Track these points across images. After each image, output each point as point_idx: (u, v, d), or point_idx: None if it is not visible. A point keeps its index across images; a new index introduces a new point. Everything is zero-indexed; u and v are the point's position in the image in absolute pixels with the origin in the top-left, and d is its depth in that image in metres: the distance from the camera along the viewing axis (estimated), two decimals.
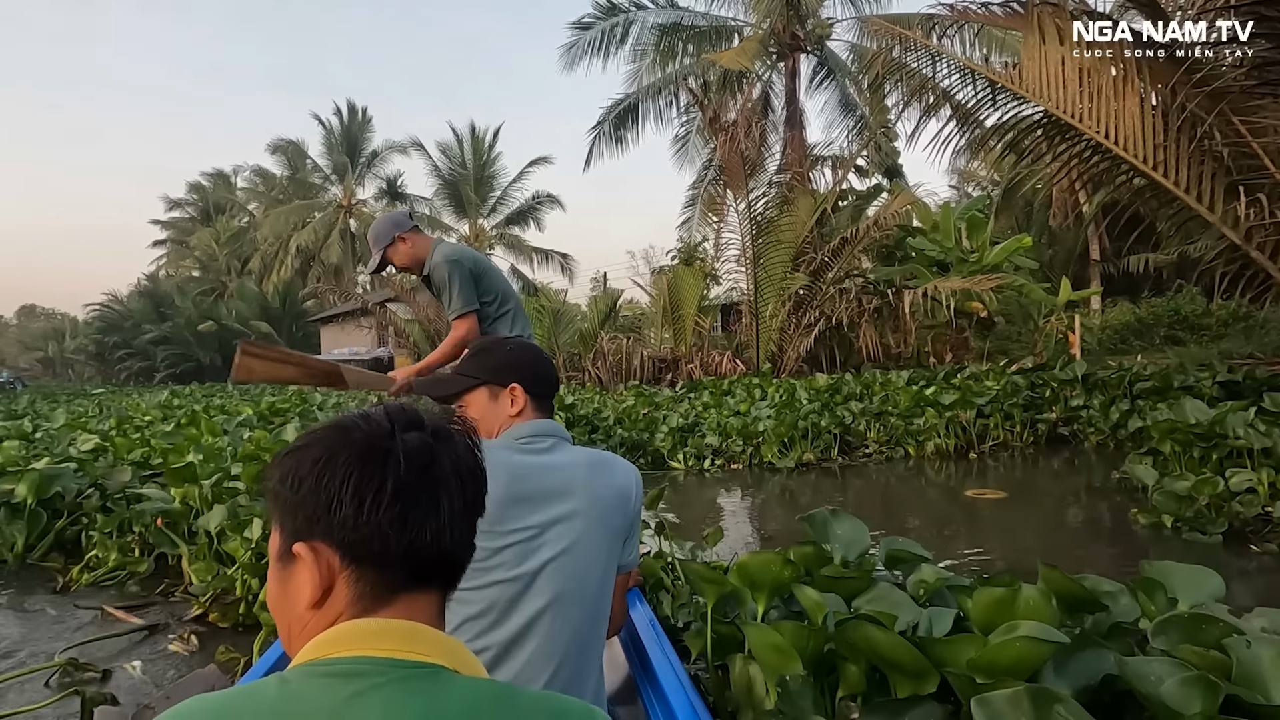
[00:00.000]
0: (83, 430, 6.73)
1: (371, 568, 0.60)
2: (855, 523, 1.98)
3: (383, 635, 0.57)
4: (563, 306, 16.53)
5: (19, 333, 79.00)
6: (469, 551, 0.64)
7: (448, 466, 0.62)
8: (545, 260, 30.19)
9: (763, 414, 6.35)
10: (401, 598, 0.61)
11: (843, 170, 14.22)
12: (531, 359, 1.42)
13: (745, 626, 1.51)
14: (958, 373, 8.38)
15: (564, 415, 6.61)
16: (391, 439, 0.61)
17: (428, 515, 0.60)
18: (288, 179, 36.24)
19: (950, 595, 1.70)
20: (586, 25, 15.23)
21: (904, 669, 1.31)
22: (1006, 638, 1.21)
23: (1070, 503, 4.84)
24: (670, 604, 2.14)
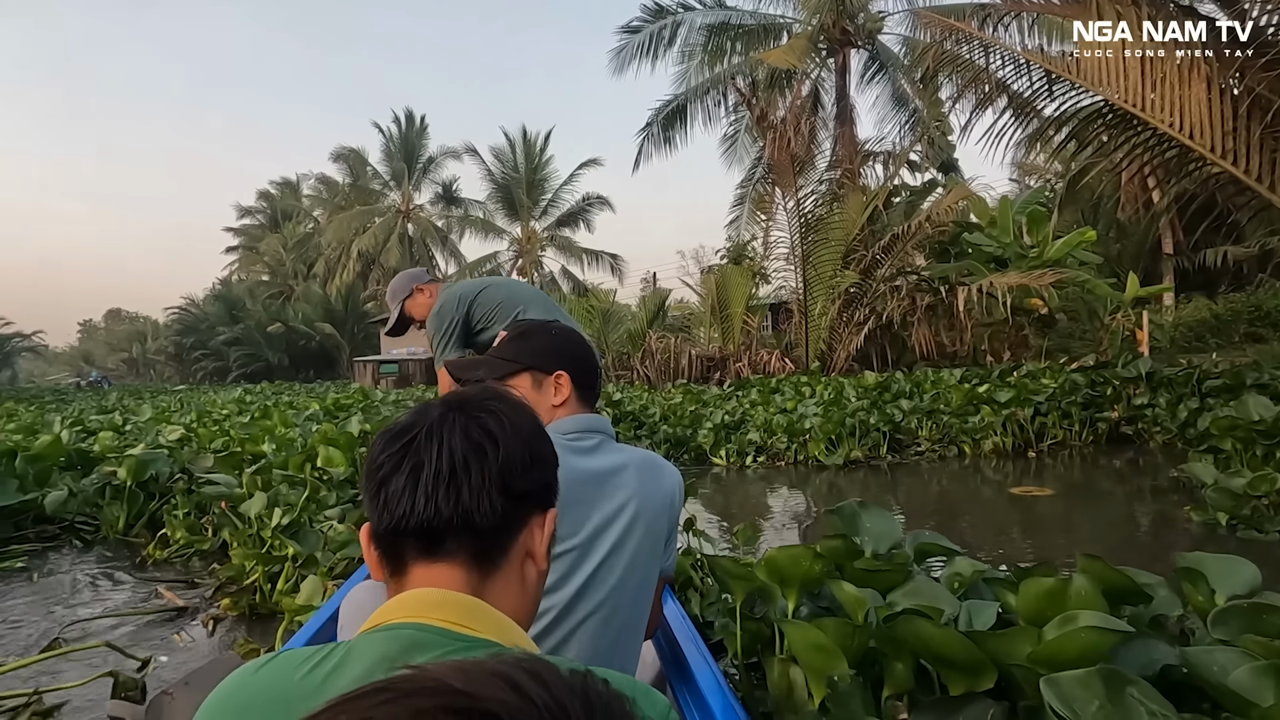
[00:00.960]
0: (167, 423, 7.25)
1: (382, 543, 0.64)
2: (885, 515, 1.92)
3: (445, 606, 0.59)
4: (612, 306, 16.75)
5: (106, 335, 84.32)
6: (484, 519, 0.62)
7: (432, 437, 0.63)
8: (595, 261, 30.53)
9: (809, 411, 6.35)
10: (415, 570, 0.63)
11: (894, 166, 13.97)
12: (578, 346, 1.35)
13: (784, 625, 1.45)
14: (1014, 371, 8.17)
15: (611, 411, 6.76)
16: (393, 423, 0.66)
17: (404, 488, 0.61)
18: (349, 186, 37.67)
19: (987, 589, 1.66)
20: (635, 29, 15.39)
21: (959, 665, 1.26)
22: (1070, 628, 1.18)
23: (1121, 501, 4.71)
24: (699, 602, 2.12)
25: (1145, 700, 1.02)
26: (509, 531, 0.65)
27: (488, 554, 0.63)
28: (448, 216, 34.64)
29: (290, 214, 44.45)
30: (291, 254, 41.15)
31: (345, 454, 3.86)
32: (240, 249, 49.33)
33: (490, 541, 0.64)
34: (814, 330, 11.83)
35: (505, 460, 0.64)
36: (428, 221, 34.59)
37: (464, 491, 0.61)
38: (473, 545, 0.63)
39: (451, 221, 34.29)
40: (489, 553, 0.63)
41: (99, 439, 5.47)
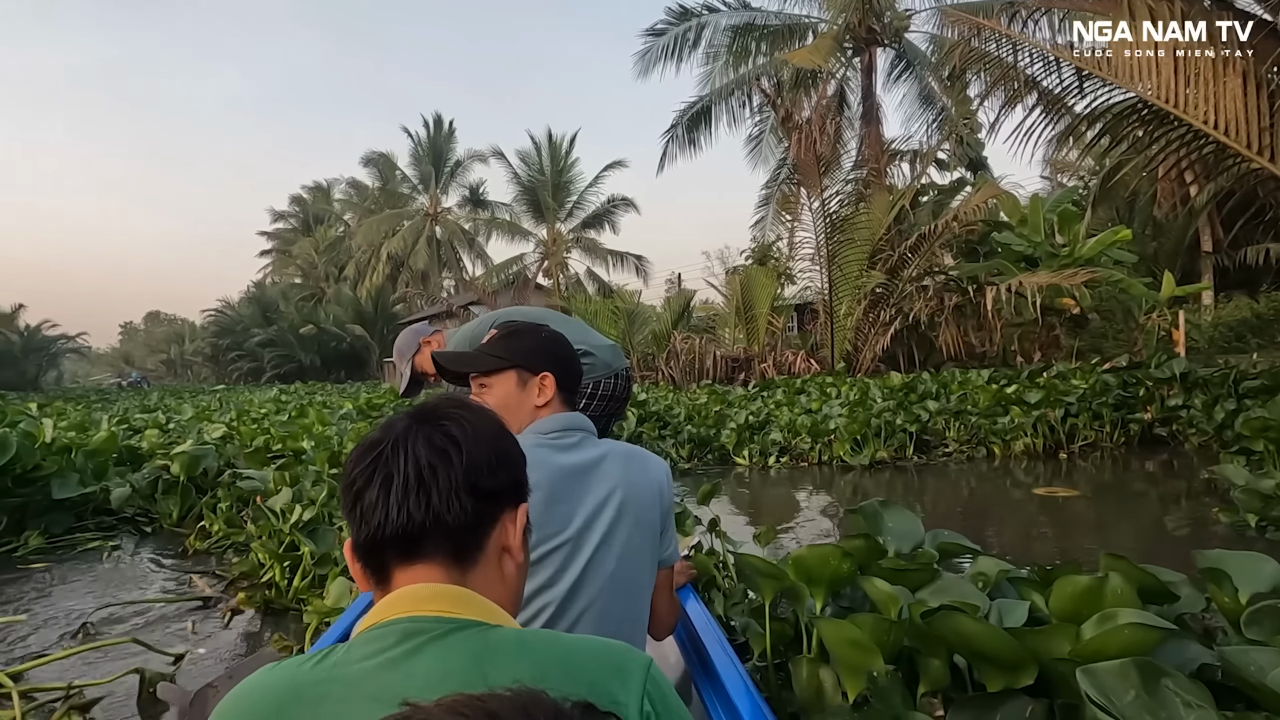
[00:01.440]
0: (209, 421, 7.52)
1: (363, 553, 0.66)
2: (907, 514, 1.91)
3: (436, 598, 0.62)
4: (636, 307, 16.83)
5: (146, 336, 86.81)
6: (454, 519, 0.65)
7: (399, 448, 0.65)
8: (620, 262, 30.65)
9: (834, 412, 6.36)
10: (396, 574, 0.65)
11: (922, 165, 13.85)
12: (566, 351, 1.36)
13: (818, 622, 1.43)
14: (1043, 371, 8.07)
15: (636, 411, 6.83)
16: (365, 438, 0.69)
17: (377, 499, 0.64)
18: (379, 190, 38.35)
19: (1011, 588, 1.64)
20: (659, 31, 15.44)
21: (999, 661, 1.25)
22: (1111, 626, 1.17)
23: (1148, 502, 4.66)
24: (723, 603, 2.13)
25: (1181, 692, 1.02)
26: (482, 529, 0.68)
27: (464, 552, 0.66)
28: (475, 219, 35.07)
29: (322, 218, 45.37)
30: (323, 257, 42.01)
31: None
32: (274, 252, 50.50)
33: (464, 540, 0.66)
34: (839, 331, 11.79)
35: (470, 463, 0.66)
36: (455, 224, 35.06)
37: (433, 496, 0.64)
38: (448, 546, 0.65)
39: (478, 224, 34.70)
40: (465, 551, 0.66)
41: (145, 436, 5.73)
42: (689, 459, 6.41)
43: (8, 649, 2.51)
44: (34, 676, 2.18)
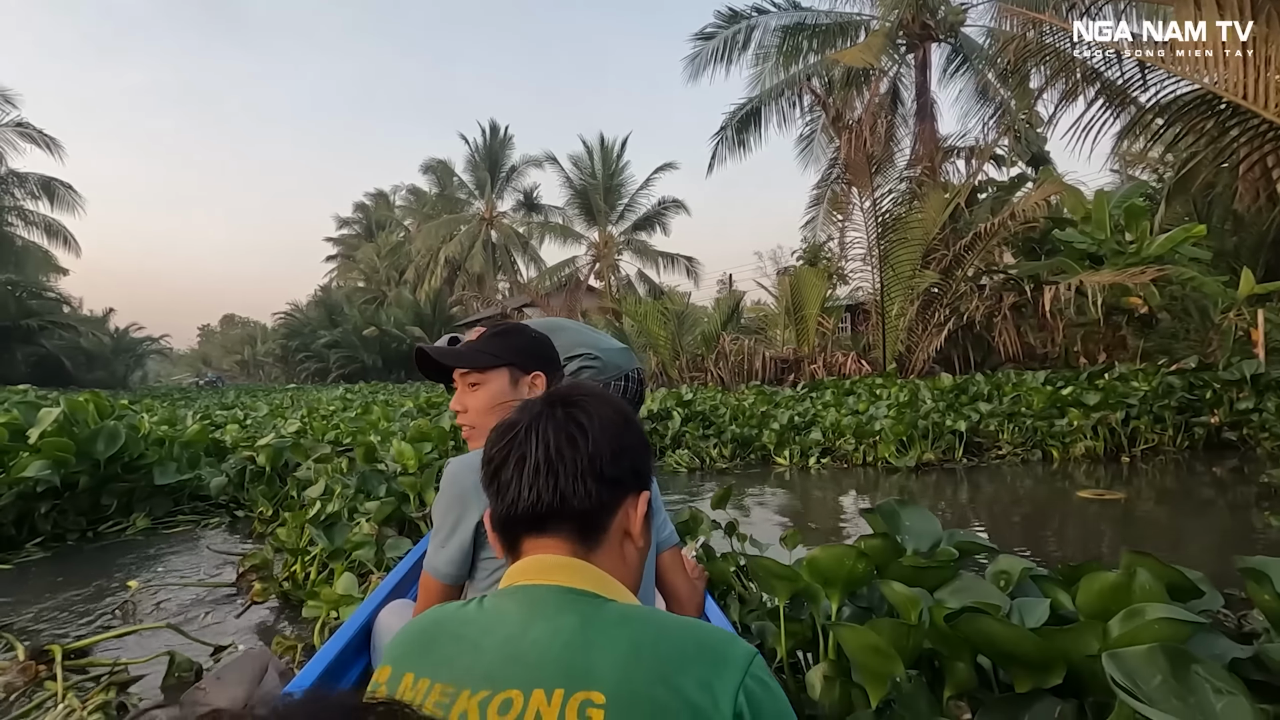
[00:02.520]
0: (282, 418, 8.04)
1: (498, 526, 0.74)
2: (924, 513, 1.90)
3: (557, 569, 0.69)
4: (686, 308, 16.94)
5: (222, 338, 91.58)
6: (580, 502, 0.70)
7: (531, 432, 0.72)
8: (671, 264, 30.84)
9: (880, 413, 6.35)
10: (526, 544, 0.72)
11: (978, 161, 13.52)
12: (552, 349, 1.38)
13: (836, 628, 1.40)
14: (1104, 373, 7.85)
15: (681, 411, 6.97)
16: (504, 420, 0.76)
17: (512, 478, 0.71)
18: (437, 196, 39.56)
19: (1034, 586, 1.63)
20: (709, 35, 15.52)
21: (1027, 661, 1.24)
22: (1141, 621, 1.16)
23: (1198, 506, 4.55)
24: (740, 610, 2.11)
25: (1211, 679, 1.01)
26: (605, 513, 0.72)
27: (588, 533, 0.71)
28: (528, 223, 35.80)
29: (383, 224, 47.08)
30: (384, 261, 43.58)
31: (418, 450, 3.90)
32: (339, 257, 52.66)
33: (588, 522, 0.71)
34: (891, 332, 11.65)
35: (594, 450, 0.71)
36: (509, 228, 35.87)
37: (560, 479, 0.69)
38: (573, 525, 0.71)
39: (532, 228, 35.42)
40: (589, 532, 0.71)
41: (227, 431, 6.21)
42: (731, 458, 6.49)
43: (72, 618, 2.71)
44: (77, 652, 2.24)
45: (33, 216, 27.04)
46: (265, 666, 1.76)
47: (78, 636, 2.43)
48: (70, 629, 2.59)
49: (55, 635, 2.51)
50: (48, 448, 3.74)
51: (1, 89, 24.56)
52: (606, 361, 2.39)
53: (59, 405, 4.04)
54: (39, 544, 3.76)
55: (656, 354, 14.17)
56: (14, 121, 25.19)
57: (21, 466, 3.62)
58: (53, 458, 3.71)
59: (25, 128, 25.36)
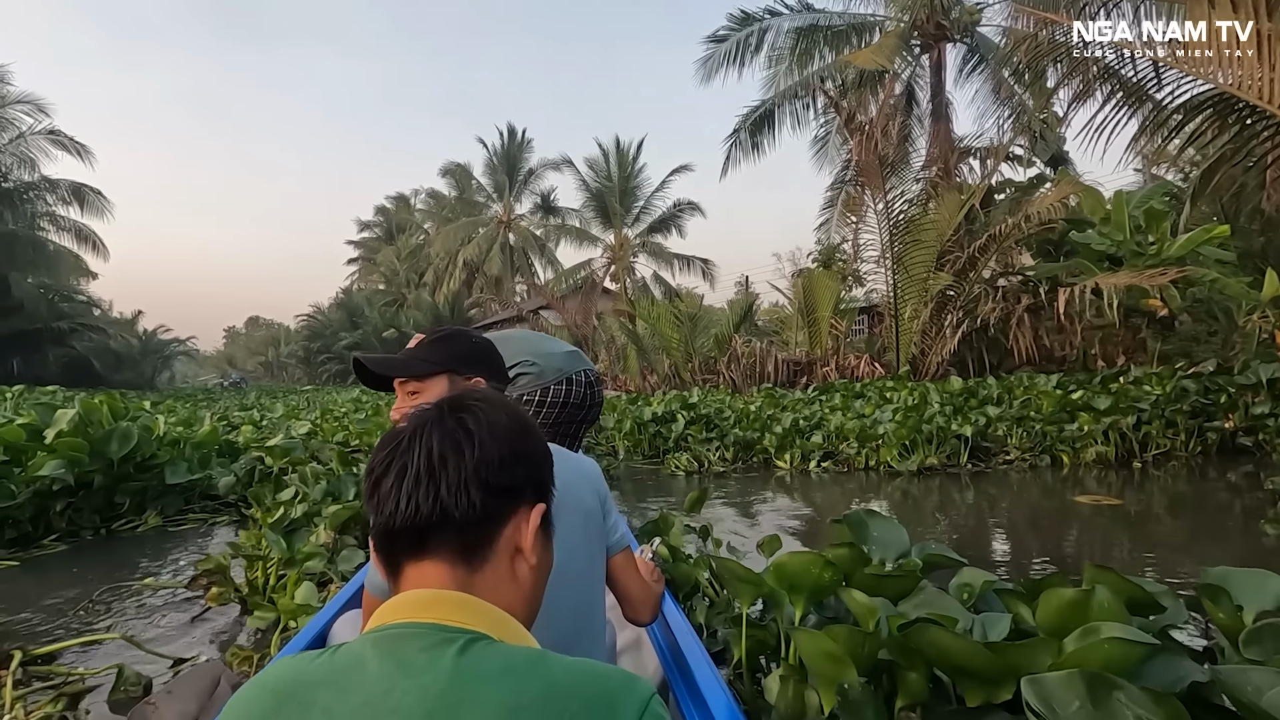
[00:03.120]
0: (295, 419, 8.20)
1: (377, 543, 0.67)
2: (893, 524, 1.89)
3: (436, 605, 0.62)
4: (699, 310, 16.94)
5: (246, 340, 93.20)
6: (462, 513, 0.64)
7: (416, 438, 0.66)
8: (687, 266, 30.84)
9: (885, 417, 6.32)
10: (407, 569, 0.65)
11: (994, 162, 13.37)
12: (494, 353, 1.35)
13: (793, 632, 1.41)
14: (1118, 376, 7.73)
15: (686, 414, 6.99)
16: (391, 429, 0.71)
17: (391, 489, 0.64)
18: (456, 199, 39.96)
19: (997, 600, 1.63)
20: (721, 38, 15.51)
21: (978, 676, 1.23)
22: (1092, 640, 1.14)
23: (1196, 512, 4.48)
24: (706, 611, 2.13)
25: (1133, 705, 0.98)
26: (491, 525, 0.66)
27: (472, 549, 0.65)
28: (545, 225, 36.02)
29: (403, 227, 47.64)
30: (404, 264, 44.09)
31: None
32: (360, 260, 53.38)
33: (472, 536, 0.65)
34: (904, 334, 11.57)
35: (481, 456, 0.66)
36: (527, 231, 36.11)
37: (441, 488, 0.64)
38: (456, 541, 0.65)
39: (549, 230, 35.63)
40: (473, 547, 0.65)
41: (241, 431, 6.35)
42: (733, 461, 6.48)
43: (66, 618, 2.73)
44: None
45: (64, 221, 27.76)
46: (218, 679, 1.72)
47: (50, 640, 2.42)
48: (62, 629, 2.60)
49: (41, 635, 2.53)
50: (63, 447, 3.87)
51: (35, 98, 25.30)
52: (545, 365, 2.35)
53: (74, 406, 4.18)
54: (55, 539, 3.90)
55: (669, 356, 14.20)
56: (46, 129, 25.90)
57: (38, 465, 3.76)
58: (67, 457, 3.85)
59: (57, 135, 26.07)
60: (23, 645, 2.27)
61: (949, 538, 3.80)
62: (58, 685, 2.03)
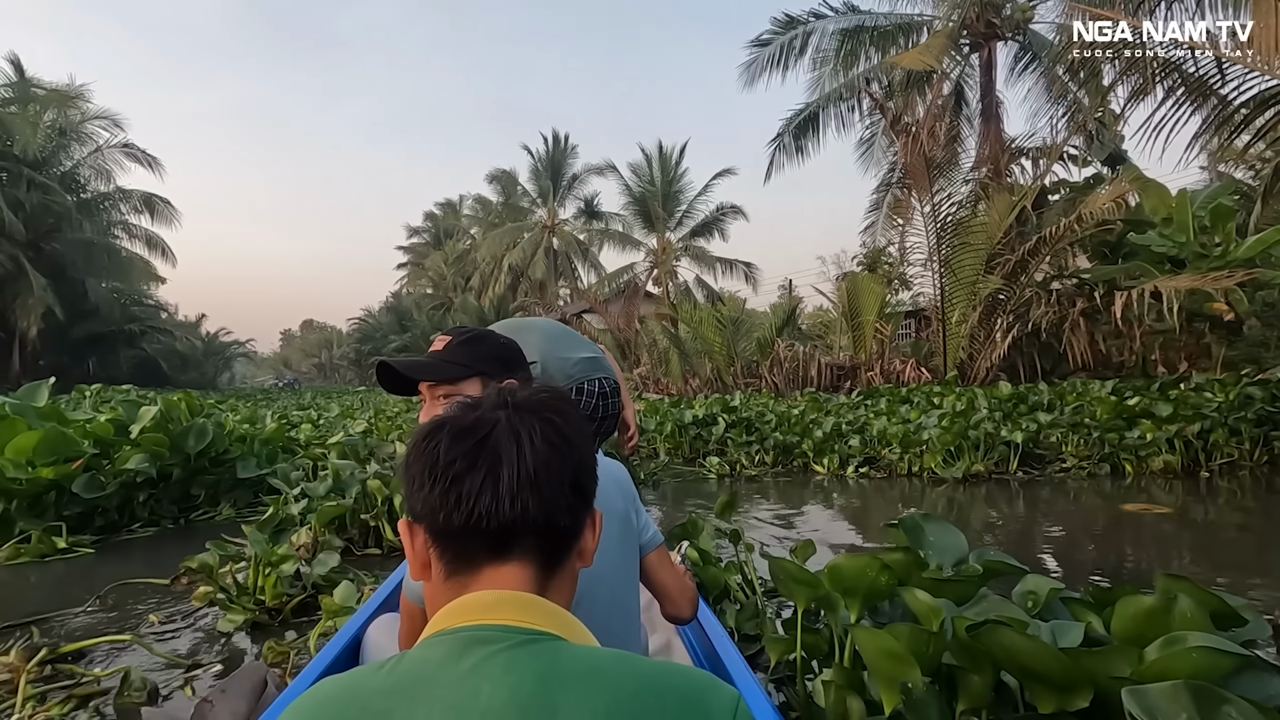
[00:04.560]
0: (351, 419, 8.54)
1: (448, 541, 0.63)
2: (950, 529, 1.82)
3: (501, 606, 0.60)
4: (742, 314, 16.92)
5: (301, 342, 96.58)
6: (561, 518, 0.63)
7: (510, 437, 0.63)
8: (729, 270, 30.80)
9: (930, 422, 6.25)
10: (485, 570, 0.62)
11: (1047, 162, 13.02)
12: (523, 356, 1.31)
13: (854, 630, 1.36)
14: (1178, 383, 7.47)
15: (727, 417, 7.04)
16: (457, 418, 0.65)
17: (483, 487, 0.61)
18: (502, 204, 40.73)
19: (1063, 608, 1.56)
20: (765, 42, 15.47)
21: (1052, 681, 1.18)
22: (1177, 649, 1.09)
23: (1246, 523, 4.32)
24: (736, 615, 2.08)
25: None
26: (578, 530, 0.67)
27: (558, 552, 0.65)
28: (589, 230, 36.42)
29: (451, 232, 48.74)
30: (451, 269, 45.12)
31: None
32: (409, 265, 54.81)
33: (562, 541, 0.65)
34: (952, 338, 11.36)
35: (579, 461, 0.65)
36: (570, 235, 36.56)
37: (546, 491, 0.62)
38: (547, 545, 0.64)
39: (592, 234, 36.01)
40: (559, 551, 0.65)
41: (301, 430, 6.67)
42: (772, 465, 6.45)
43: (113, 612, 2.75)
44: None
45: (136, 230, 29.39)
46: (264, 680, 1.74)
47: (81, 636, 2.44)
48: (106, 622, 2.64)
49: (76, 629, 2.57)
50: (146, 442, 4.18)
51: (111, 113, 26.86)
52: (555, 371, 2.19)
53: (156, 404, 4.49)
54: (140, 527, 4.20)
55: (711, 360, 14.22)
56: (121, 143, 27.46)
57: (124, 459, 4.06)
58: (150, 451, 4.14)
59: (131, 148, 27.62)
60: (54, 641, 2.32)
61: (996, 545, 3.77)
62: (70, 687, 2.02)
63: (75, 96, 25.79)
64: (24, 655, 2.10)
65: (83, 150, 27.04)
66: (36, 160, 24.49)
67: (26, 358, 24.97)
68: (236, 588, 2.61)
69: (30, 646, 2.19)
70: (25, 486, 3.79)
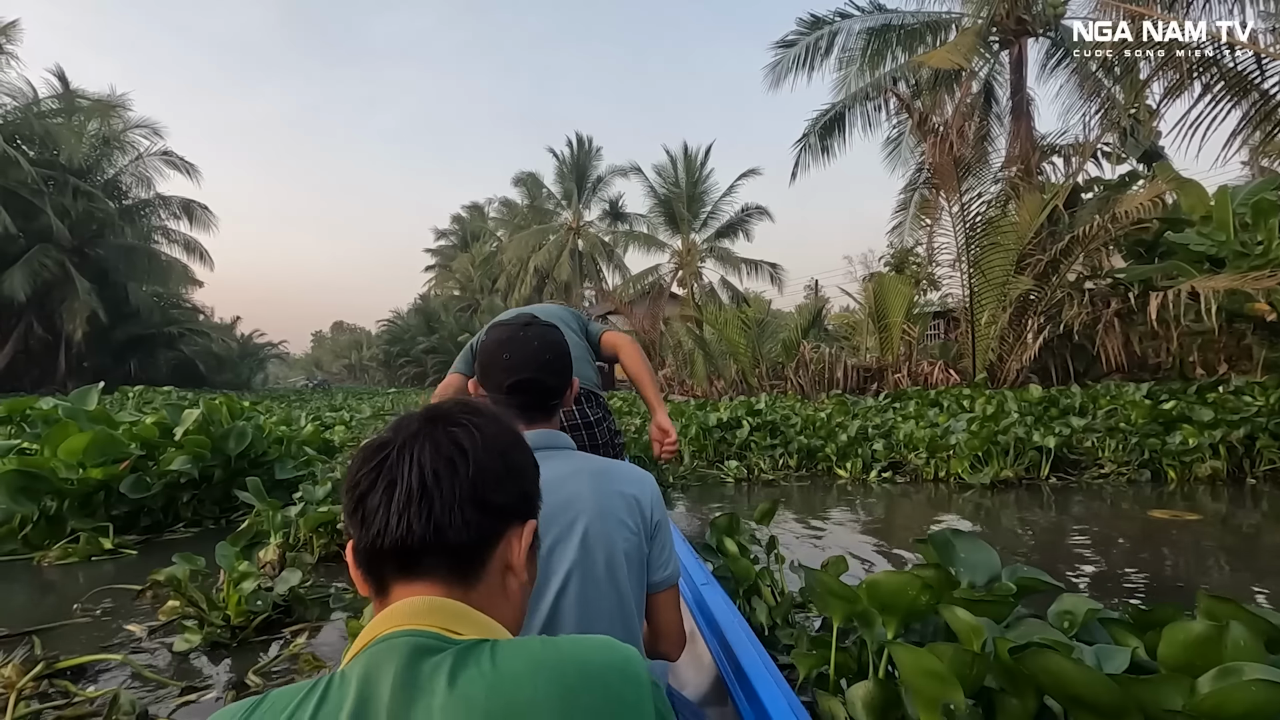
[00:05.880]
0: (383, 420, 8.72)
1: (364, 561, 0.63)
2: (982, 545, 1.76)
3: (433, 613, 0.58)
4: (767, 315, 16.86)
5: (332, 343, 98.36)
6: (456, 535, 0.61)
7: (405, 454, 0.62)
8: (755, 270, 30.65)
9: (958, 426, 6.18)
10: (395, 588, 0.62)
11: (1080, 159, 12.77)
12: (488, 357, 1.20)
13: (893, 647, 1.33)
14: (1217, 386, 7.29)
15: (752, 420, 7.04)
16: (372, 439, 0.66)
17: (379, 506, 0.61)
18: (527, 207, 41.07)
19: (1101, 629, 1.52)
20: (790, 43, 15.40)
21: (1099, 710, 1.13)
22: (1233, 681, 1.04)
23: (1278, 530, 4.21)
24: (766, 612, 2.10)
25: None
26: (485, 546, 0.64)
27: (465, 570, 0.63)
28: (614, 232, 36.54)
29: (478, 235, 49.28)
30: (478, 271, 45.60)
31: None
32: (437, 267, 55.53)
33: (466, 558, 0.63)
34: (981, 340, 11.20)
35: (476, 473, 0.63)
36: (595, 237, 36.71)
37: (435, 507, 0.60)
38: (449, 562, 0.62)
39: (617, 236, 36.12)
40: (466, 569, 0.63)
41: (334, 431, 6.83)
42: (796, 469, 6.42)
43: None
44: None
45: (174, 234, 30.25)
46: None
47: (83, 646, 2.38)
48: (112, 634, 2.59)
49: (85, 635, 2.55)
50: (189, 444, 4.34)
51: (151, 122, 27.67)
52: None
53: (198, 407, 4.65)
54: (183, 527, 4.36)
55: (736, 362, 14.21)
56: (160, 151, 28.29)
57: (168, 460, 4.22)
58: (193, 453, 4.30)
59: (170, 156, 28.43)
60: (53, 655, 2.23)
61: (1026, 552, 3.74)
62: (61, 707, 1.93)
63: (117, 106, 26.63)
64: (20, 670, 2.02)
65: (124, 158, 27.93)
66: (81, 168, 25.37)
67: (72, 359, 25.86)
68: (208, 603, 2.48)
69: (29, 660, 2.13)
70: (76, 487, 3.96)
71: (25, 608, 2.97)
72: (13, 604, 3.05)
